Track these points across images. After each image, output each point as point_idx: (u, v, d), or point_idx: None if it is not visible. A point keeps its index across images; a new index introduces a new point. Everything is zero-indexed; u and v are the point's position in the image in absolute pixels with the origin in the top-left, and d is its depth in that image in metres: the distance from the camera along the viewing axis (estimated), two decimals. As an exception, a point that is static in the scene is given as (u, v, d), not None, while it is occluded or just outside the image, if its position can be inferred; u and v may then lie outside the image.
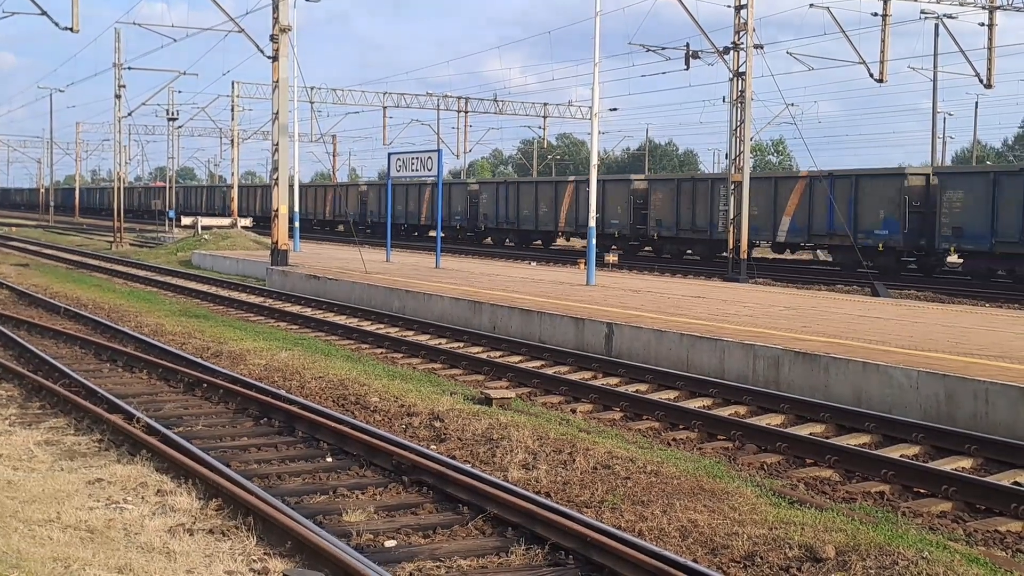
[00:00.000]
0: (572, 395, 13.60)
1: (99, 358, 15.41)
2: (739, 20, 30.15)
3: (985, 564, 6.84)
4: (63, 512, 7.50)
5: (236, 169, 59.53)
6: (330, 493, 8.53)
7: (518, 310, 18.53)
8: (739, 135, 30.80)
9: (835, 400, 12.44)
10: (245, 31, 32.16)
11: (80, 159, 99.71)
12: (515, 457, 9.39)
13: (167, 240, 50.89)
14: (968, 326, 16.91)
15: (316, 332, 19.95)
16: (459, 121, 64.91)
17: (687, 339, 14.91)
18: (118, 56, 49.69)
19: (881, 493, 9.34)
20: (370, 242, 44.41)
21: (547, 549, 7.08)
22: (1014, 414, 10.78)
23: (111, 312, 20.98)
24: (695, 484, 8.44)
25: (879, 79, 33.13)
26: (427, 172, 30.59)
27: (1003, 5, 33.13)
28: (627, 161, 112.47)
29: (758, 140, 79.16)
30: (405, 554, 7.04)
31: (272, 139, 30.18)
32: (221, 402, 12.17)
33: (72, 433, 10.40)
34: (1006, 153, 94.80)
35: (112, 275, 33.78)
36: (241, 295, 26.83)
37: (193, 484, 8.28)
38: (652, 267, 36.14)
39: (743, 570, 6.76)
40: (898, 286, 29.19)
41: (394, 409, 11.51)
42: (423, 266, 30.44)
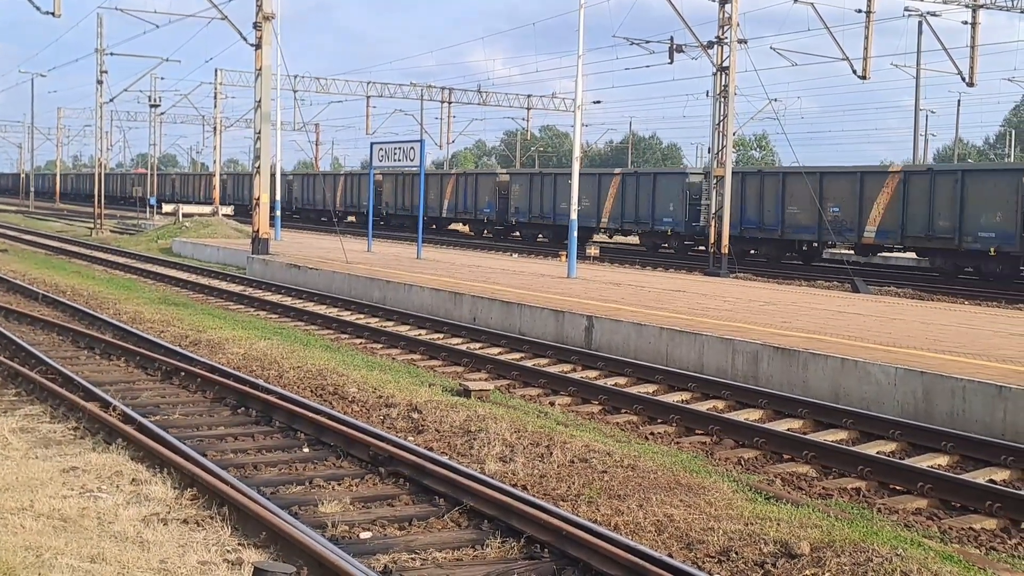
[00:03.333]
0: (551, 388, 13.60)
1: (76, 345, 15.31)
2: (723, 15, 30.17)
3: (959, 562, 6.87)
4: (36, 500, 7.43)
5: (218, 157, 59.27)
6: (306, 484, 8.49)
7: (499, 302, 18.52)
8: (722, 130, 30.84)
9: (813, 396, 12.48)
10: (228, 18, 31.98)
11: (61, 145, 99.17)
12: (493, 449, 9.38)
13: (148, 227, 50.63)
14: (947, 324, 16.99)
15: (295, 321, 19.89)
16: (442, 112, 64.82)
17: (667, 333, 14.93)
18: (100, 41, 49.36)
19: (857, 489, 9.37)
20: (378, 234, 42.36)
21: (523, 542, 7.07)
22: (990, 412, 10.84)
23: (90, 299, 20.85)
24: (672, 478, 8.45)
25: (862, 76, 33.21)
26: (410, 162, 30.50)
27: (986, 4, 33.26)
28: (610, 154, 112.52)
29: (741, 135, 79.31)
30: (380, 546, 7.02)
31: (255, 127, 30.04)
32: (198, 391, 12.11)
33: (48, 421, 10.32)
34: (987, 151, 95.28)
35: (91, 262, 33.59)
36: (221, 283, 26.71)
37: (168, 473, 8.23)
38: (633, 260, 36.18)
39: (718, 565, 6.77)
40: (877, 283, 29.29)
41: (372, 400, 11.48)
42: (405, 256, 30.38)
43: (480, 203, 49.46)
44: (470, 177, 51.88)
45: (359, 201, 58.20)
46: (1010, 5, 33.02)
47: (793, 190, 33.54)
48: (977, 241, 28.61)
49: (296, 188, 65.08)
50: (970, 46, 34.34)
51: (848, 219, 31.70)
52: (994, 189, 28.17)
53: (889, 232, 30.83)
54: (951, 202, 28.97)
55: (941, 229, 29.42)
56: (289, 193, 62.72)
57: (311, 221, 61.41)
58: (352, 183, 60.88)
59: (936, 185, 29.58)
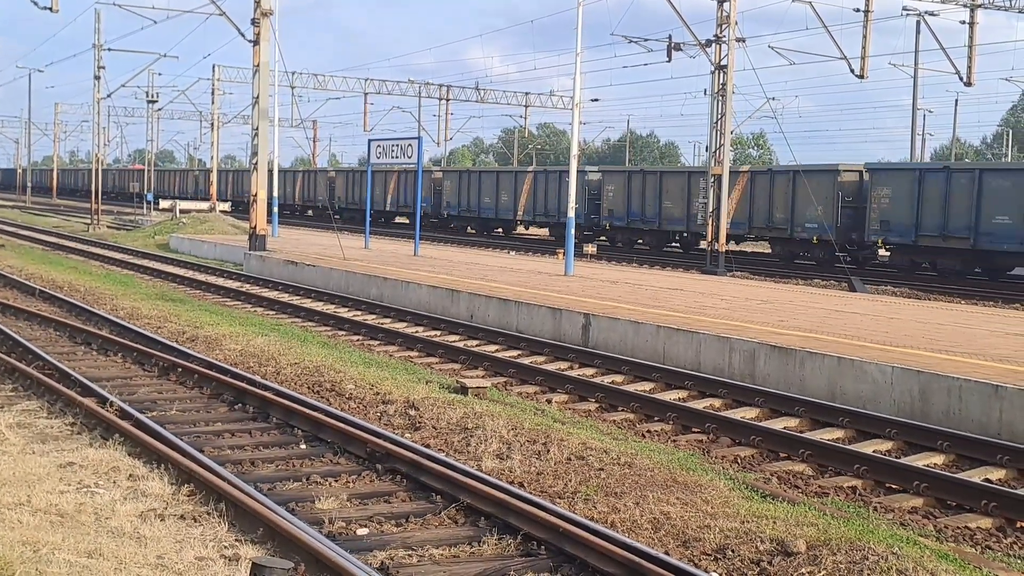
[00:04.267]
0: (548, 385, 13.61)
1: (73, 341, 15.31)
2: (721, 13, 30.18)
3: (955, 560, 6.89)
4: (34, 495, 7.43)
5: (216, 153, 59.18)
6: (303, 480, 8.50)
7: (496, 299, 18.52)
8: (719, 128, 30.86)
9: (810, 395, 12.50)
10: (227, 14, 31.97)
11: (58, 140, 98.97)
12: (489, 447, 9.38)
13: (145, 223, 50.56)
14: (943, 323, 17.01)
15: (293, 318, 19.89)
16: (440, 109, 64.76)
17: (664, 331, 14.94)
18: (98, 37, 49.31)
19: (853, 488, 9.39)
20: (376, 231, 41.95)
21: (519, 539, 7.08)
22: (986, 411, 10.86)
23: (87, 295, 20.84)
24: (668, 476, 8.46)
25: (860, 75, 33.21)
26: (407, 159, 30.51)
27: (984, 3, 33.26)
28: (608, 152, 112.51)
29: (738, 133, 79.35)
30: (377, 542, 7.02)
31: (252, 123, 30.02)
32: (196, 387, 12.11)
33: (45, 416, 10.32)
34: (985, 151, 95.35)
35: (88, 257, 33.56)
36: (218, 280, 26.71)
37: (165, 469, 8.23)
38: (631, 258, 36.19)
39: (714, 563, 6.78)
40: (875, 282, 29.34)
41: (369, 397, 11.49)
42: (402, 253, 30.38)
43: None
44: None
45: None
46: (1008, 5, 33.02)
47: (669, 186, 39.01)
48: (804, 231, 33.66)
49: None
50: (968, 46, 34.36)
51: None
52: (817, 187, 32.47)
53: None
54: (786, 198, 34.16)
55: (778, 221, 34.62)
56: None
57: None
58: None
59: (775, 184, 34.80)
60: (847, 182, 32.92)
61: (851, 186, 32.85)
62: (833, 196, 32.75)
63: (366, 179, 51.99)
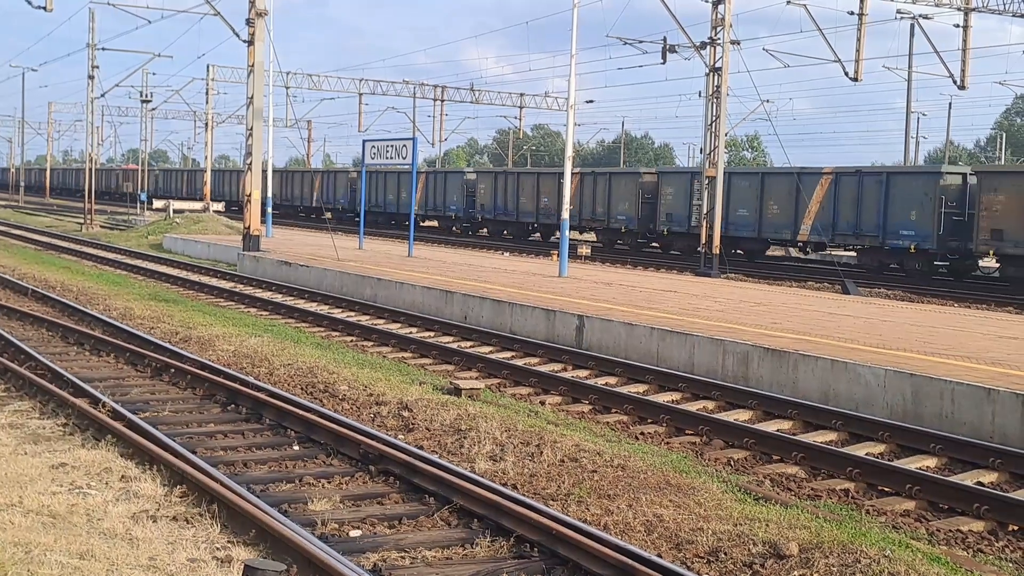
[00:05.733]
0: (541, 387, 13.61)
1: (66, 341, 15.28)
2: (716, 15, 30.21)
3: (946, 563, 6.90)
4: (25, 496, 7.42)
5: (210, 153, 59.09)
6: (296, 481, 8.49)
7: (489, 300, 18.52)
8: (714, 130, 30.88)
9: (803, 397, 12.51)
10: (221, 14, 31.93)
11: (52, 139, 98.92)
12: (483, 448, 9.38)
13: (138, 223, 50.48)
14: (936, 326, 17.04)
15: (286, 319, 19.87)
16: (435, 109, 64.73)
17: (657, 333, 14.95)
18: (92, 36, 49.20)
19: (846, 491, 9.39)
20: (371, 231, 42.18)
21: (512, 541, 7.08)
22: (978, 414, 10.88)
23: (79, 295, 20.80)
24: (662, 479, 8.47)
25: (854, 78, 33.25)
26: (401, 160, 30.52)
27: (978, 7, 33.32)
28: (602, 153, 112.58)
29: (733, 135, 79.46)
30: (370, 544, 7.02)
31: (246, 123, 29.99)
32: (188, 388, 12.10)
33: (37, 416, 10.30)
34: (978, 154, 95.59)
35: (81, 257, 33.51)
36: (212, 280, 26.67)
37: (158, 470, 8.22)
38: (624, 260, 36.21)
39: (707, 565, 6.79)
40: (868, 284, 29.37)
41: (363, 398, 11.48)
42: (395, 254, 30.36)
43: (616, 208, 49.33)
44: (437, 176, 55.30)
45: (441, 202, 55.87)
46: (1002, 8, 33.10)
47: (620, 187, 41.29)
48: (899, 239, 31.20)
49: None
50: (962, 49, 34.39)
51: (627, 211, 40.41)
52: (914, 191, 31.11)
53: (822, 229, 33.51)
54: (877, 202, 32.34)
55: (867, 227, 32.60)
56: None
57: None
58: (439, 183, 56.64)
59: (864, 186, 32.89)
60: (949, 186, 30.61)
61: (954, 190, 30.53)
62: (933, 201, 30.00)
63: (392, 179, 52.40)
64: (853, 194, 32.34)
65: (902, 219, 30.95)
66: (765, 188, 34.98)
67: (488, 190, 48.91)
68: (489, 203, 48.53)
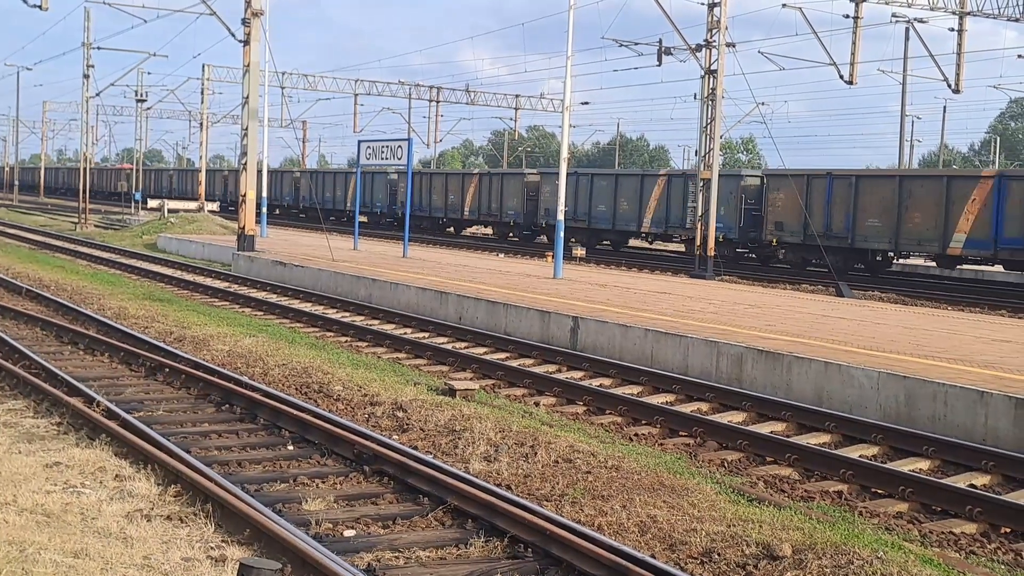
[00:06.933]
0: (536, 388, 13.62)
1: (60, 340, 15.26)
2: (712, 18, 30.24)
3: (939, 565, 6.92)
4: (20, 495, 7.42)
5: (204, 153, 59.08)
6: (290, 481, 8.50)
7: (484, 301, 18.53)
8: (709, 132, 30.92)
9: (797, 399, 12.53)
10: (216, 14, 31.89)
11: (46, 138, 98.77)
12: (477, 449, 9.39)
13: (133, 222, 50.41)
14: (930, 328, 17.08)
15: (281, 319, 19.86)
16: (430, 110, 64.79)
17: (652, 334, 14.97)
18: (87, 35, 49.17)
19: (839, 492, 9.42)
20: (365, 232, 42.44)
21: (506, 542, 7.09)
22: (971, 417, 10.91)
23: (73, 294, 20.78)
24: (655, 480, 8.48)
25: (849, 81, 33.31)
26: (397, 161, 30.52)
27: (973, 11, 33.40)
28: (597, 155, 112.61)
29: (728, 138, 79.49)
30: (364, 544, 7.03)
31: (242, 123, 29.97)
32: (183, 387, 12.09)
33: (31, 415, 10.29)
34: (972, 158, 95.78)
35: (76, 256, 33.47)
36: (206, 280, 26.65)
37: (152, 470, 8.22)
38: (619, 262, 36.23)
39: (701, 566, 6.80)
40: (862, 287, 29.41)
41: (357, 398, 11.48)
42: (391, 255, 30.36)
43: (285, 191, 56.14)
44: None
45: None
46: (996, 12, 33.18)
47: (509, 186, 45.90)
48: (596, 221, 38.75)
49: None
50: (956, 53, 34.47)
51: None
52: (605, 188, 38.34)
53: (981, 243, 28.89)
54: (610, 195, 39.40)
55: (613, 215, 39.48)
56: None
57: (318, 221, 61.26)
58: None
59: (583, 182, 40.46)
60: (749, 186, 31.95)
61: (752, 190, 31.64)
62: (736, 199, 32.29)
63: (437, 182, 52.86)
64: (680, 193, 37.02)
65: (715, 213, 33.06)
66: (618, 187, 39.99)
67: (554, 192, 52.51)
68: (412, 201, 54.43)
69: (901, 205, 30.12)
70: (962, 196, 28.65)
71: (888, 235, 30.58)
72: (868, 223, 30.96)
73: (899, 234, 30.26)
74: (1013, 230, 27.52)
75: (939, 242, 29.21)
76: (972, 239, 28.33)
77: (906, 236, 30.15)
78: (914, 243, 30.40)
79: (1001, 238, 27.73)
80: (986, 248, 28.36)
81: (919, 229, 29.73)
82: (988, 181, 28.59)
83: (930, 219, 29.38)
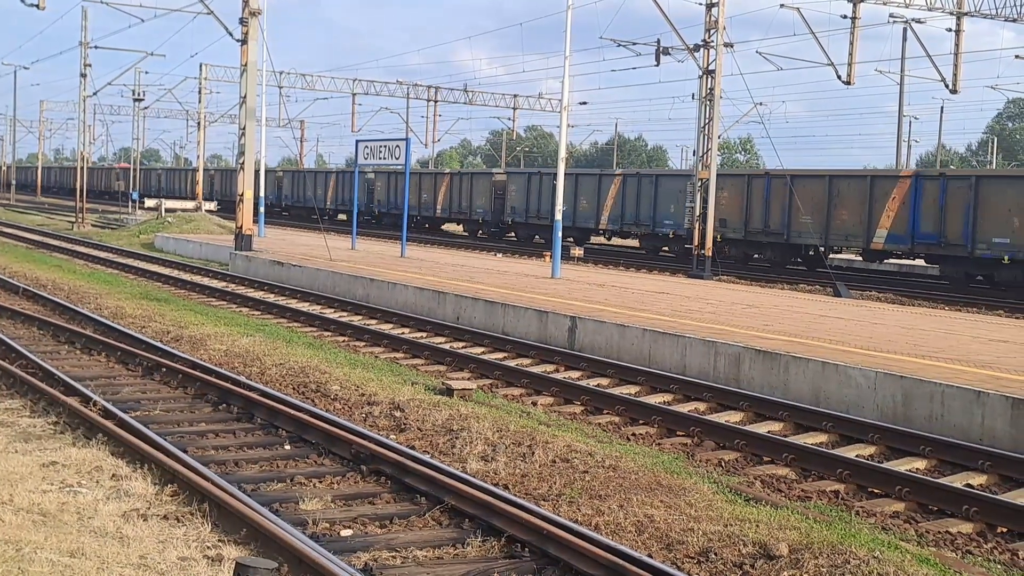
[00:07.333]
0: (533, 388, 13.62)
1: (57, 340, 15.25)
2: (710, 18, 30.24)
3: (935, 565, 6.92)
4: (16, 495, 7.41)
5: (202, 152, 59.04)
6: (287, 481, 8.49)
7: (482, 301, 18.53)
8: (707, 132, 30.92)
9: (794, 399, 12.54)
10: (214, 13, 31.87)
11: (43, 138, 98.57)
12: (475, 448, 9.39)
13: (130, 222, 50.36)
14: (927, 328, 17.09)
15: (278, 318, 19.85)
16: (428, 110, 64.76)
17: (649, 334, 14.97)
18: (84, 35, 49.13)
19: (836, 492, 9.42)
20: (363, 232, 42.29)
21: (503, 541, 7.09)
22: (968, 417, 10.92)
23: (70, 293, 20.76)
24: (653, 479, 8.48)
25: (847, 81, 33.32)
26: (395, 160, 30.50)
27: (970, 11, 33.42)
28: (595, 155, 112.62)
29: (726, 138, 79.47)
30: (361, 544, 7.03)
31: (239, 123, 29.96)
32: (180, 387, 12.09)
33: (27, 415, 10.29)
34: (970, 158, 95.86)
35: (73, 256, 33.44)
36: (203, 279, 26.64)
37: (149, 469, 8.22)
38: (617, 262, 36.24)
39: (697, 566, 6.81)
40: (859, 287, 29.44)
41: (355, 398, 11.48)
42: (388, 255, 30.35)
43: (268, 190, 54.99)
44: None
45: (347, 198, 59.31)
46: (994, 13, 33.20)
47: (478, 186, 48.34)
48: None
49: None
50: (954, 53, 34.48)
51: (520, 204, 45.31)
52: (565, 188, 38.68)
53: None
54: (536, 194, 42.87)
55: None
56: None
57: (301, 219, 61.48)
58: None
59: (546, 181, 41.87)
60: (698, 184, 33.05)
61: (701, 189, 31.73)
62: (685, 197, 33.51)
63: (411, 181, 53.20)
64: (635, 192, 38.75)
65: (665, 211, 37.48)
66: (579, 186, 41.80)
67: (383, 187, 56.10)
68: (384, 199, 55.73)
69: (831, 203, 31.89)
70: (884, 194, 30.45)
71: (819, 231, 32.16)
72: (801, 220, 32.49)
73: (829, 230, 31.96)
74: (928, 226, 29.35)
75: (864, 237, 31.01)
76: (893, 234, 30.17)
77: (835, 232, 31.90)
78: (842, 238, 32.18)
79: (917, 233, 29.63)
80: (904, 243, 30.22)
81: (846, 225, 31.54)
82: (906, 180, 30.37)
83: (856, 216, 31.15)
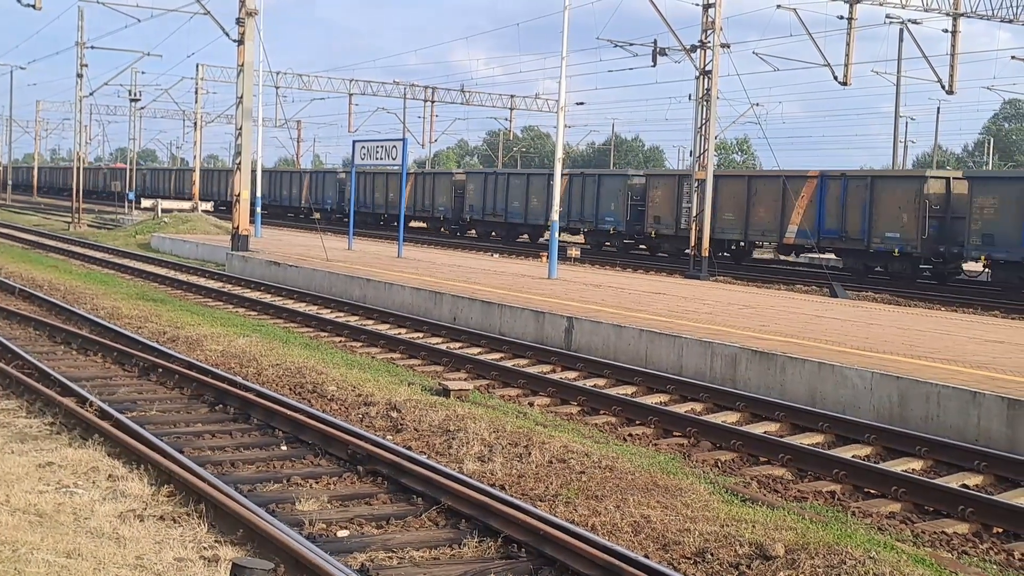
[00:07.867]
0: (530, 388, 13.62)
1: (53, 340, 15.24)
2: (707, 19, 30.27)
3: (931, 565, 6.93)
4: (12, 495, 7.41)
5: (198, 152, 58.96)
6: (284, 481, 8.49)
7: (479, 302, 18.53)
8: (704, 133, 30.94)
9: (790, 399, 12.55)
10: (211, 13, 31.84)
11: (39, 138, 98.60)
12: (471, 449, 9.39)
13: (126, 222, 50.33)
14: (923, 329, 17.11)
15: (275, 319, 19.84)
16: (425, 110, 64.76)
17: (646, 335, 14.98)
18: (81, 35, 49.09)
19: (832, 493, 9.43)
20: (360, 232, 42.97)
21: (500, 542, 7.09)
22: (964, 417, 10.93)
23: (67, 294, 20.74)
24: (649, 480, 8.48)
25: (843, 82, 33.34)
26: (391, 161, 30.51)
27: (967, 12, 33.46)
28: (592, 155, 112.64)
29: (723, 138, 79.50)
30: (357, 544, 7.03)
31: (236, 123, 29.95)
32: (176, 387, 12.08)
33: (24, 416, 10.28)
34: (966, 159, 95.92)
35: (69, 256, 33.40)
36: (200, 279, 26.61)
37: (145, 470, 8.21)
38: (614, 262, 36.26)
39: (694, 566, 6.81)
40: (855, 287, 29.47)
41: (351, 398, 11.48)
42: (385, 255, 30.35)
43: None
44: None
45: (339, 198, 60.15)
46: (990, 14, 33.24)
47: (440, 185, 50.80)
48: (511, 216, 44.37)
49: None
50: (950, 54, 34.52)
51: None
52: (519, 187, 43.86)
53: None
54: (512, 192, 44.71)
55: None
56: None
57: (277, 216, 61.89)
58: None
59: (501, 180, 45.45)
60: (634, 185, 37.28)
61: (638, 188, 36.75)
62: (624, 196, 38.66)
63: (379, 181, 53.67)
64: (580, 190, 41.21)
65: (606, 210, 40.34)
66: (529, 185, 44.64)
67: (477, 190, 56.63)
68: (360, 198, 55.85)
69: (749, 201, 34.57)
70: (794, 193, 32.88)
71: (740, 227, 35.12)
72: (725, 216, 35.10)
73: (748, 226, 34.83)
74: (831, 222, 32.16)
75: (777, 232, 33.88)
76: (801, 230, 32.77)
77: (753, 228, 34.76)
78: (759, 234, 35.06)
79: (823, 229, 32.46)
80: (811, 238, 32.65)
81: (763, 222, 34.34)
82: (813, 180, 32.91)
83: (771, 213, 33.94)
